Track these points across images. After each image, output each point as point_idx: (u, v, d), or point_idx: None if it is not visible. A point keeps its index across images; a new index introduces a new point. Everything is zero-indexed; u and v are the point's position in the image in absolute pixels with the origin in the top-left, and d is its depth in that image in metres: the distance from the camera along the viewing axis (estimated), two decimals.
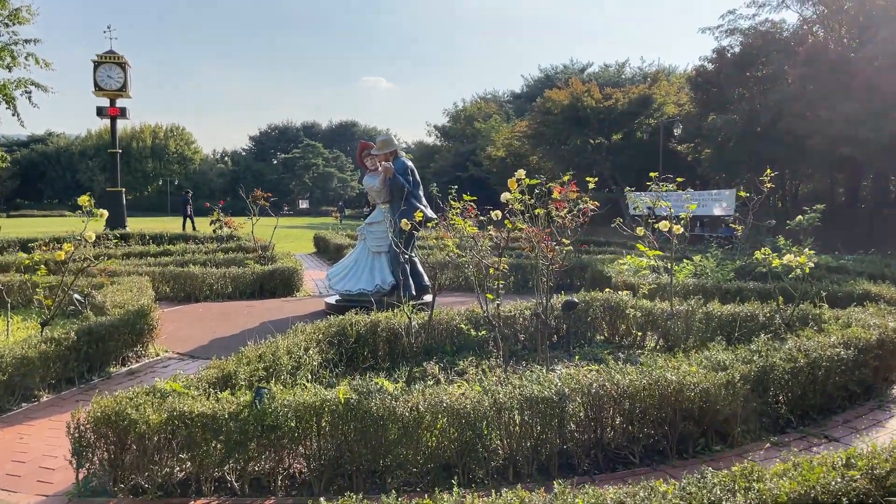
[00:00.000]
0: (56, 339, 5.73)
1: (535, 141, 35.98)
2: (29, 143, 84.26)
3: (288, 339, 5.43)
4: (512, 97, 62.34)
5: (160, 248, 14.10)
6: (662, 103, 32.68)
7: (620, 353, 6.43)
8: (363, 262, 8.91)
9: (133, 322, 6.49)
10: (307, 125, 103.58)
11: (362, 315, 6.16)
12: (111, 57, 25.17)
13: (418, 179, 8.87)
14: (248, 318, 8.82)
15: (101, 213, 6.26)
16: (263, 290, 10.97)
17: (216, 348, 7.07)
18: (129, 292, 7.92)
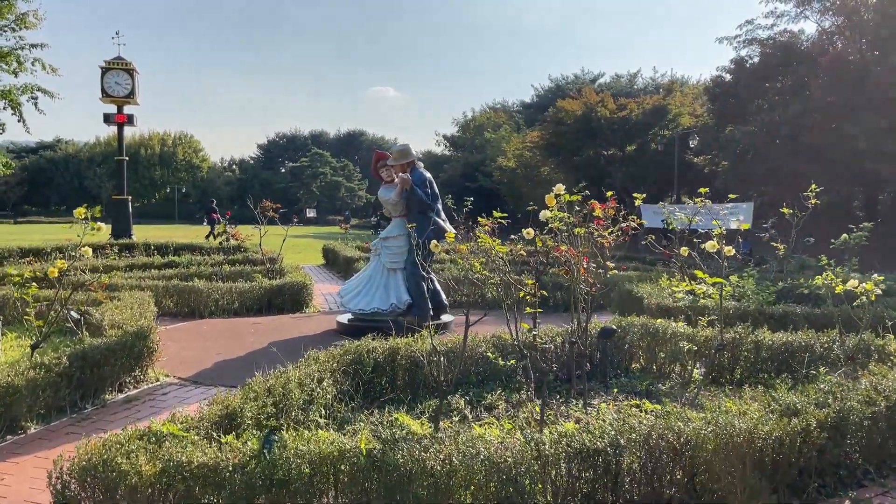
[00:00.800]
0: (46, 365, 5.23)
1: (547, 152, 35.53)
2: (37, 149, 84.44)
3: (299, 370, 4.91)
4: (522, 107, 61.94)
5: (165, 259, 13.63)
6: (677, 114, 32.19)
7: (660, 384, 5.90)
8: (377, 279, 8.41)
9: (131, 345, 5.99)
10: (315, 134, 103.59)
11: (380, 341, 5.64)
12: (119, 63, 24.84)
13: (437, 192, 8.37)
14: (256, 338, 8.31)
15: (98, 227, 5.78)
16: (271, 306, 10.47)
17: (221, 373, 6.57)
18: (128, 310, 7.43)
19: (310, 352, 5.37)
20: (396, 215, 8.41)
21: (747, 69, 26.45)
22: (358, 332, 8.25)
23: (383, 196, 8.36)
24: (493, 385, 5.61)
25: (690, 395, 5.33)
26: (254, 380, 4.65)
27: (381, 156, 8.53)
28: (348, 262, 15.48)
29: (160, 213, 76.52)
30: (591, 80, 56.04)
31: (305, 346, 7.74)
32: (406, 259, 8.30)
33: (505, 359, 5.71)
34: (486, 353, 5.69)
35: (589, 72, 58.48)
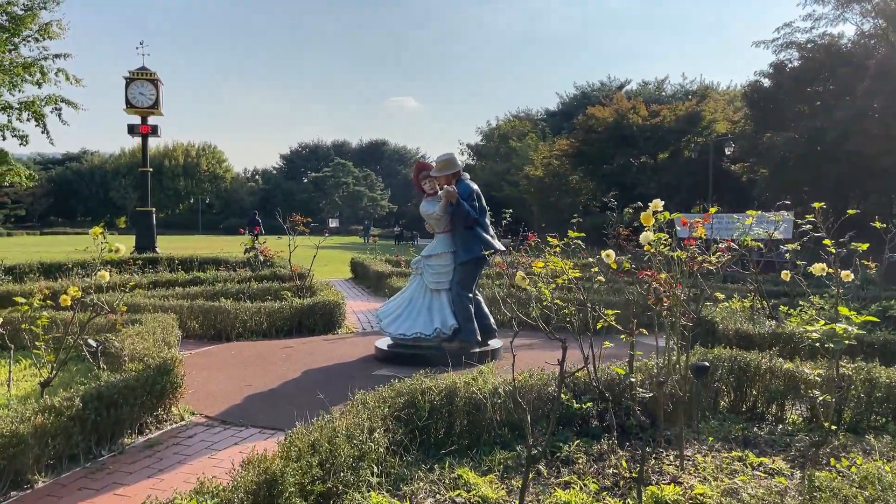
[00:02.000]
0: (56, 409, 4.58)
1: (577, 160, 34.67)
2: (64, 161, 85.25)
3: (347, 418, 4.20)
4: (547, 115, 61.11)
5: (189, 275, 13.04)
6: (712, 120, 31.19)
7: (756, 428, 5.10)
8: (419, 301, 7.70)
9: (154, 381, 5.32)
10: (337, 144, 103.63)
11: (434, 379, 4.91)
12: (143, 73, 24.53)
13: (485, 205, 7.65)
14: (288, 365, 7.63)
15: (117, 248, 5.13)
16: (302, 327, 9.80)
17: (252, 409, 5.88)
18: (150, 337, 6.78)
19: (357, 395, 4.66)
20: (440, 231, 7.70)
21: (788, 73, 25.45)
22: (399, 360, 7.56)
23: (426, 210, 7.65)
24: (566, 432, 4.85)
25: (803, 445, 4.53)
26: (295, 433, 3.95)
27: (423, 166, 7.84)
28: (379, 278, 14.80)
29: (184, 223, 76.68)
30: (617, 87, 55.07)
31: (343, 375, 7.07)
32: (452, 279, 7.58)
33: (579, 400, 4.95)
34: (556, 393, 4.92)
35: (615, 79, 57.58)
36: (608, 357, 5.61)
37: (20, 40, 19.35)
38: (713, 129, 31.11)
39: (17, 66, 19.19)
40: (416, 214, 41.99)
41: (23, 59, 19.43)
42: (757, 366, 5.40)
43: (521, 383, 4.97)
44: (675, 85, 50.12)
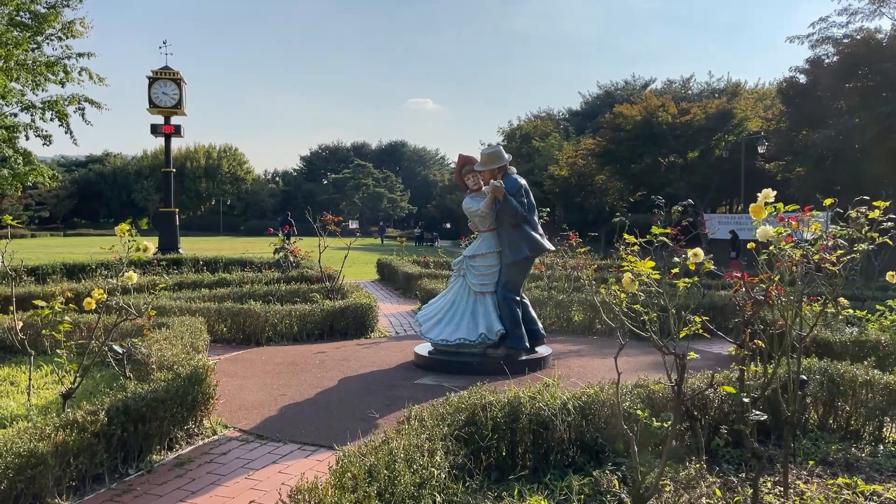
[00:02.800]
0: (79, 424, 4.14)
1: (604, 159, 33.96)
2: (87, 162, 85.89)
3: (404, 438, 3.71)
4: (569, 115, 60.36)
5: (215, 276, 12.65)
6: (743, 118, 30.36)
7: (854, 448, 4.54)
8: (462, 305, 7.19)
9: (184, 392, 4.87)
10: (357, 145, 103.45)
11: (496, 394, 4.40)
12: (166, 73, 24.31)
13: (533, 201, 7.14)
14: (323, 372, 7.16)
15: (145, 245, 4.69)
16: (333, 330, 9.35)
17: (289, 422, 5.41)
18: (179, 342, 6.35)
19: (412, 410, 4.16)
20: (484, 230, 7.20)
21: (825, 69, 24.63)
22: (441, 367, 7.07)
23: (469, 207, 7.15)
24: (644, 454, 4.32)
25: None
26: (348, 457, 3.47)
27: (467, 160, 7.33)
28: (408, 279, 14.33)
29: (205, 225, 76.84)
30: (642, 85, 54.25)
31: (383, 384, 6.58)
32: (497, 281, 7.07)
33: (657, 416, 4.42)
34: (633, 410, 4.39)
35: (639, 77, 56.75)
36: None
37: (43, 39, 19.15)
38: (745, 127, 30.28)
39: (40, 65, 18.99)
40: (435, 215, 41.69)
41: (46, 57, 19.24)
42: (852, 378, 4.83)
43: (591, 398, 4.44)
44: (701, 83, 49.23)
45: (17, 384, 6.56)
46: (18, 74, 18.26)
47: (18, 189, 19.59)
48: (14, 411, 5.58)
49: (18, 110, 19.17)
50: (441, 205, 79.06)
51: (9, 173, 18.42)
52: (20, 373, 6.93)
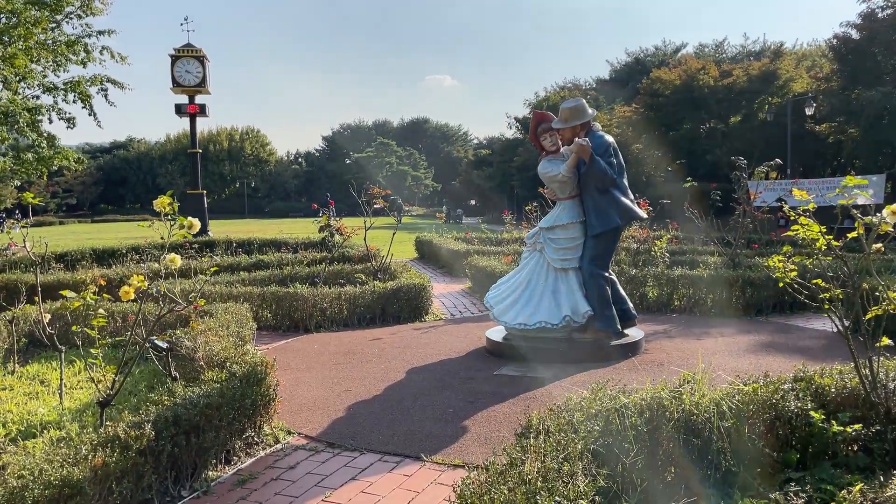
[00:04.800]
0: (121, 441, 3.38)
1: (641, 127, 32.60)
2: (111, 148, 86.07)
3: (535, 459, 2.87)
4: (598, 83, 58.69)
5: (251, 258, 11.91)
6: (788, 79, 28.86)
7: None
8: (541, 283, 6.32)
9: (242, 395, 4.09)
10: (379, 123, 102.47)
11: (632, 395, 3.54)
12: (189, 51, 23.57)
13: (622, 162, 6.22)
14: (385, 362, 6.36)
15: (190, 222, 3.89)
16: (385, 314, 8.56)
17: (361, 425, 4.62)
18: (225, 331, 5.59)
19: (532, 418, 3.32)
20: (565, 197, 6.30)
21: (879, 22, 23.13)
22: (519, 355, 6.21)
23: (547, 171, 6.24)
24: (820, 462, 3.44)
25: None
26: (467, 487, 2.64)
27: (543, 117, 6.41)
28: (454, 257, 13.48)
29: (230, 208, 76.67)
30: (673, 50, 52.41)
31: (457, 377, 5.73)
32: (582, 255, 6.19)
33: (836, 419, 3.52)
34: (805, 411, 3.51)
35: (670, 42, 54.79)
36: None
37: (62, 17, 18.43)
38: (790, 89, 28.80)
39: (60, 45, 18.28)
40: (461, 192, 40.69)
41: (66, 36, 18.53)
42: None
43: (746, 396, 3.56)
44: (736, 46, 47.23)
45: (48, 383, 5.86)
46: (39, 55, 17.57)
47: (44, 174, 19.00)
48: (45, 417, 4.87)
49: (40, 92, 18.51)
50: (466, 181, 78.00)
51: (34, 157, 17.81)
52: (51, 370, 6.24)
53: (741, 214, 9.84)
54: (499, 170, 57.71)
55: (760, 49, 43.14)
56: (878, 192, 26.52)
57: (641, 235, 10.77)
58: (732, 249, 9.79)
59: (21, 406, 5.21)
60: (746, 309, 8.31)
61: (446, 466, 3.91)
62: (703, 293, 8.52)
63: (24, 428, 4.64)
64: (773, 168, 9.97)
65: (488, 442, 4.21)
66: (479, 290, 10.41)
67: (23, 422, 4.78)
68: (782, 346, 6.59)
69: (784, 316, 8.19)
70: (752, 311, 8.32)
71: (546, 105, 55.22)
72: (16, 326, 6.43)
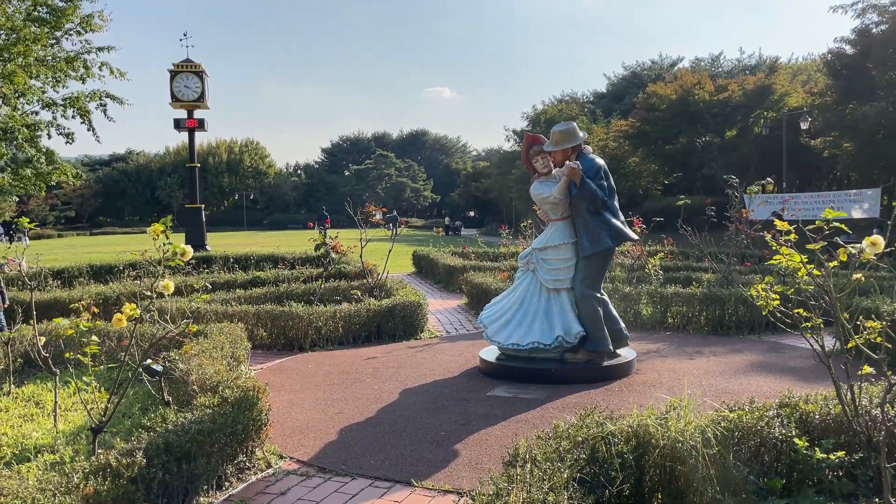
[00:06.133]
0: (113, 469, 3.41)
1: (638, 141, 32.79)
2: (111, 161, 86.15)
3: (521, 489, 2.91)
4: (594, 97, 59.04)
5: (248, 274, 11.97)
6: (784, 94, 29.03)
7: None
8: (534, 303, 6.37)
9: (233, 420, 4.12)
10: (378, 135, 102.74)
11: (618, 421, 3.57)
12: (188, 66, 23.67)
13: (613, 185, 6.28)
14: (379, 382, 6.40)
15: (183, 249, 3.94)
16: (381, 332, 8.60)
17: (353, 448, 4.65)
18: (219, 352, 5.62)
19: (520, 446, 3.35)
20: (556, 218, 6.36)
21: (874, 38, 23.31)
22: (512, 375, 6.26)
23: (540, 193, 6.31)
24: (804, 490, 3.48)
25: None
26: None
27: (535, 139, 6.49)
28: (450, 273, 13.55)
29: (228, 220, 76.65)
30: (669, 64, 52.72)
31: (451, 398, 5.73)
32: (574, 276, 6.24)
33: (819, 446, 3.56)
34: (789, 438, 3.55)
35: (667, 56, 55.17)
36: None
37: (62, 34, 18.53)
38: (785, 103, 28.97)
39: (59, 61, 18.40)
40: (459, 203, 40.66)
41: (65, 53, 18.65)
42: None
43: (731, 423, 3.60)
44: (731, 60, 47.54)
45: (43, 405, 5.90)
46: (38, 71, 17.68)
47: (42, 189, 19.06)
48: (39, 440, 4.90)
49: (39, 108, 18.60)
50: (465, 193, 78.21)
51: (32, 173, 17.88)
52: (46, 391, 6.28)
53: (734, 232, 9.91)
54: (497, 182, 57.95)
55: (756, 63, 43.44)
56: (873, 206, 26.58)
57: (635, 252, 10.83)
58: (726, 267, 9.85)
59: (16, 428, 5.24)
60: (739, 327, 8.35)
61: (436, 492, 3.94)
62: (697, 311, 8.57)
63: (19, 451, 4.68)
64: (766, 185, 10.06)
65: (479, 467, 4.24)
66: (475, 306, 10.46)
67: (17, 444, 4.82)
68: (773, 366, 6.63)
69: (777, 335, 8.22)
70: (745, 330, 8.36)
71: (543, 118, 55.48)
72: (12, 348, 6.47)
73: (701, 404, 4.33)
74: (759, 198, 22.08)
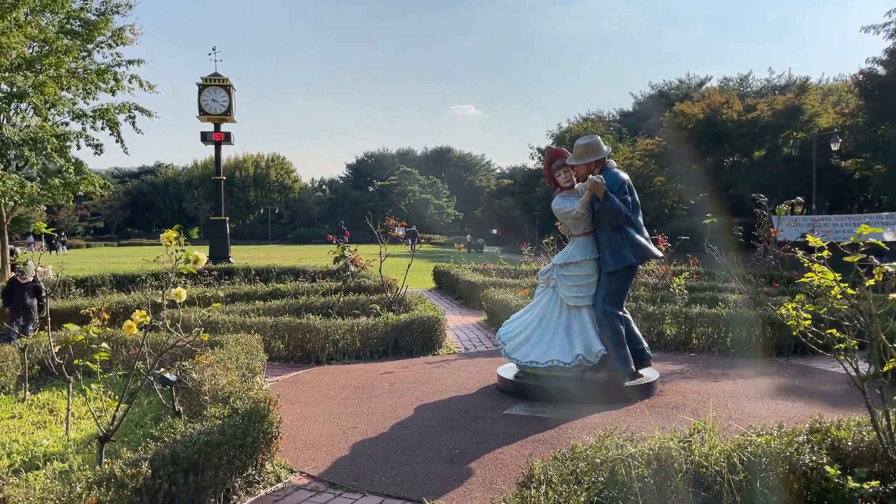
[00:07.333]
0: (117, 479, 3.33)
1: (664, 160, 32.48)
2: (140, 174, 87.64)
3: None
4: (620, 116, 58.79)
5: (268, 286, 11.95)
6: (814, 114, 28.60)
7: None
8: (554, 321, 6.23)
9: (243, 432, 4.03)
10: (402, 152, 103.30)
11: (638, 443, 3.42)
12: (216, 80, 23.95)
13: (637, 200, 6.14)
14: (394, 398, 6.28)
15: (196, 256, 3.88)
16: (399, 347, 8.49)
17: (366, 465, 4.53)
18: (233, 364, 5.56)
19: (534, 467, 3.21)
20: (578, 233, 6.22)
21: None
22: (530, 393, 6.11)
23: (562, 208, 6.19)
24: None
25: None
26: None
27: (558, 153, 6.38)
28: (471, 289, 13.42)
29: (253, 233, 77.46)
30: (697, 84, 52.39)
31: (466, 415, 5.59)
32: (596, 293, 6.10)
33: (851, 474, 3.37)
34: (820, 465, 3.37)
35: (694, 76, 54.81)
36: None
37: (93, 46, 18.89)
38: (815, 124, 28.54)
39: (90, 73, 18.73)
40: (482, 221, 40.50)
41: (96, 65, 18.98)
42: None
43: (759, 448, 3.43)
44: (760, 80, 47.09)
45: (57, 413, 5.87)
46: (69, 83, 17.99)
47: (70, 199, 19.32)
48: (49, 448, 4.86)
49: (69, 119, 18.92)
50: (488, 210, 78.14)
51: (60, 183, 18.14)
52: (61, 398, 6.25)
53: (763, 252, 9.67)
54: (520, 200, 57.81)
55: (785, 84, 42.93)
56: None
57: (660, 271, 10.63)
58: (753, 287, 9.61)
59: (28, 435, 5.21)
60: (767, 350, 8.11)
61: None
62: (723, 332, 8.35)
63: (29, 459, 4.64)
64: (796, 205, 9.80)
65: (492, 487, 4.10)
66: (494, 322, 10.32)
67: (27, 452, 4.78)
68: (802, 390, 6.40)
69: (806, 358, 7.97)
70: (772, 353, 8.12)
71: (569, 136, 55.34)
72: (28, 354, 6.47)
73: (727, 428, 4.15)
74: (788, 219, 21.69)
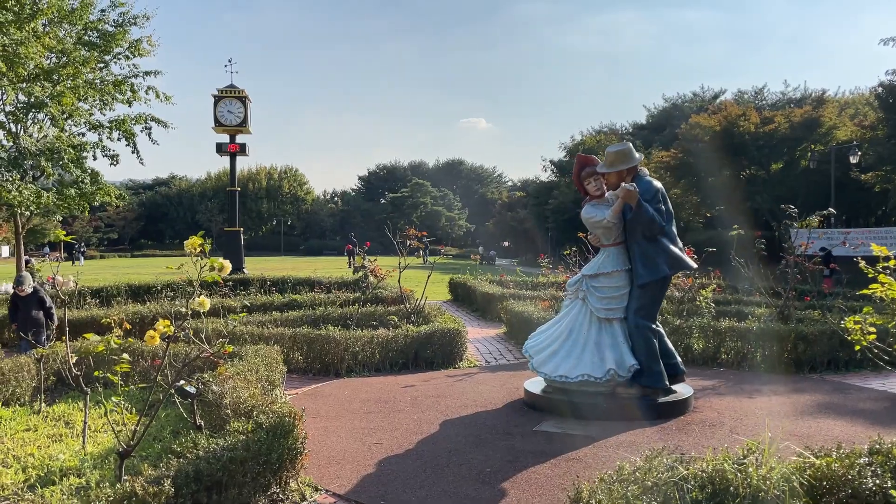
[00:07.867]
0: (139, 497, 3.17)
1: (679, 172, 32.22)
2: (154, 185, 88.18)
3: None
4: (634, 128, 58.53)
5: (285, 297, 11.81)
6: (832, 127, 28.29)
7: None
8: (584, 334, 6.02)
9: (268, 448, 3.86)
10: (414, 164, 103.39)
11: (691, 466, 3.21)
12: (232, 91, 24.01)
13: (671, 209, 5.94)
14: (418, 412, 6.09)
15: (220, 264, 3.72)
16: (419, 359, 8.30)
17: (393, 484, 4.34)
18: (254, 376, 5.40)
19: (583, 490, 3.01)
20: (609, 243, 6.03)
21: None
22: (559, 409, 5.89)
23: (592, 217, 5.99)
24: None
25: None
26: None
27: (588, 160, 6.19)
28: (488, 300, 13.22)
29: (266, 245, 77.61)
30: (711, 97, 52.07)
31: (495, 431, 5.38)
32: (628, 306, 5.89)
33: None
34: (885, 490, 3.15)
35: (709, 88, 54.52)
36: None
37: (111, 58, 18.93)
38: (833, 136, 28.23)
39: (107, 84, 18.76)
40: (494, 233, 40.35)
41: (113, 76, 19.01)
42: None
43: (819, 471, 3.22)
44: (775, 93, 46.68)
45: (73, 425, 5.72)
46: (86, 93, 18.01)
47: (86, 209, 19.30)
48: (66, 463, 4.69)
49: (86, 130, 18.93)
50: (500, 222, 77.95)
51: (76, 193, 18.12)
52: (77, 410, 6.10)
53: (789, 264, 9.42)
54: (533, 212, 57.59)
55: (801, 97, 42.57)
56: None
57: (685, 284, 10.40)
58: (783, 301, 9.35)
59: (43, 449, 5.06)
60: (798, 365, 7.85)
61: None
62: (752, 347, 8.10)
63: (44, 473, 4.47)
64: (824, 217, 9.55)
65: None
66: (515, 335, 10.11)
67: (43, 466, 4.62)
68: (842, 407, 6.15)
69: (839, 374, 7.72)
70: (804, 368, 7.86)
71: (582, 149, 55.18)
72: (44, 365, 6.34)
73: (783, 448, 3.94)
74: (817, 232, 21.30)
